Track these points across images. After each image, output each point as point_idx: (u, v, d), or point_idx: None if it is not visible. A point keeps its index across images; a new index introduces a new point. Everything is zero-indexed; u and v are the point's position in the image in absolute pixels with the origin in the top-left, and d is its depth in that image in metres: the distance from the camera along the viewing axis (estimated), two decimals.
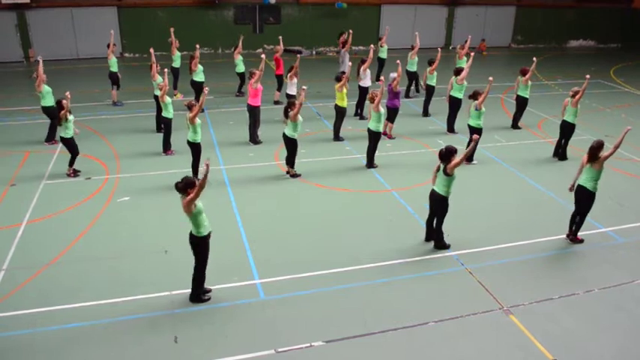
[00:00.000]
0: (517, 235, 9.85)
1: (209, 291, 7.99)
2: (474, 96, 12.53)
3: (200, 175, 7.59)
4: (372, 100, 12.13)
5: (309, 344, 7.07)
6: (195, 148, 11.40)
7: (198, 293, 7.81)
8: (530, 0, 28.98)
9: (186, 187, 7.32)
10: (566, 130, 13.12)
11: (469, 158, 12.59)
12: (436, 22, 28.21)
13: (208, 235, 7.60)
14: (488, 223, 10.25)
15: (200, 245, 7.56)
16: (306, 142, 13.59)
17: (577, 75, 22.91)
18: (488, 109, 12.45)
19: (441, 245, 9.31)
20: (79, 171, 11.92)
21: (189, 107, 11.15)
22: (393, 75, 14.30)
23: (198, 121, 11.11)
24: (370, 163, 12.65)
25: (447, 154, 8.76)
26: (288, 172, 12.06)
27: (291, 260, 8.93)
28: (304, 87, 12.25)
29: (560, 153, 13.43)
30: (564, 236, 9.74)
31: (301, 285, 8.30)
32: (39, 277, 8.33)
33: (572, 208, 9.73)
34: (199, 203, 7.40)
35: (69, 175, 11.78)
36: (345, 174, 12.38)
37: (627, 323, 7.68)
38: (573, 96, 12.74)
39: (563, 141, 13.32)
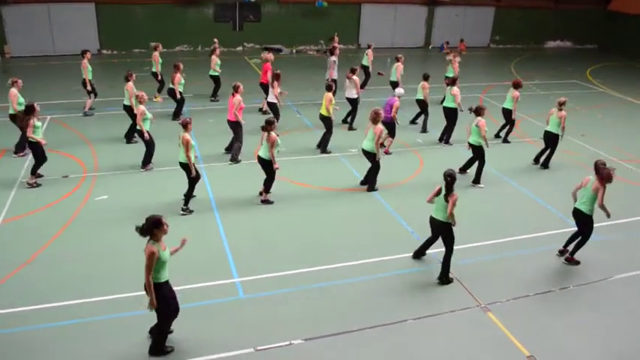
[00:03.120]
0: (494, 233, 9.98)
1: (171, 350, 6.87)
2: (477, 111, 11.84)
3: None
4: (374, 119, 11.10)
5: (288, 342, 7.07)
6: (189, 171, 10.10)
7: (161, 348, 6.79)
8: (508, 1, 29.29)
9: (152, 227, 6.23)
10: (549, 140, 12.82)
11: (465, 169, 12.40)
12: (416, 22, 28.43)
13: (165, 284, 6.48)
14: (466, 221, 10.33)
15: (155, 293, 6.34)
16: (286, 140, 13.38)
17: (554, 75, 23.29)
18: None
19: (445, 280, 8.45)
20: (40, 184, 11.14)
21: (184, 125, 9.92)
22: (400, 91, 13.45)
23: (192, 142, 9.94)
24: (369, 184, 11.66)
25: (452, 183, 8.07)
26: (261, 194, 10.90)
27: (270, 259, 8.92)
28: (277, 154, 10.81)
29: (543, 162, 13.11)
30: (558, 250, 9.42)
31: (280, 283, 8.30)
32: (14, 276, 8.19)
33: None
34: (165, 252, 6.37)
35: (30, 185, 11.00)
36: (324, 173, 12.40)
37: (601, 320, 7.84)
38: (560, 104, 12.55)
39: (549, 151, 12.97)
